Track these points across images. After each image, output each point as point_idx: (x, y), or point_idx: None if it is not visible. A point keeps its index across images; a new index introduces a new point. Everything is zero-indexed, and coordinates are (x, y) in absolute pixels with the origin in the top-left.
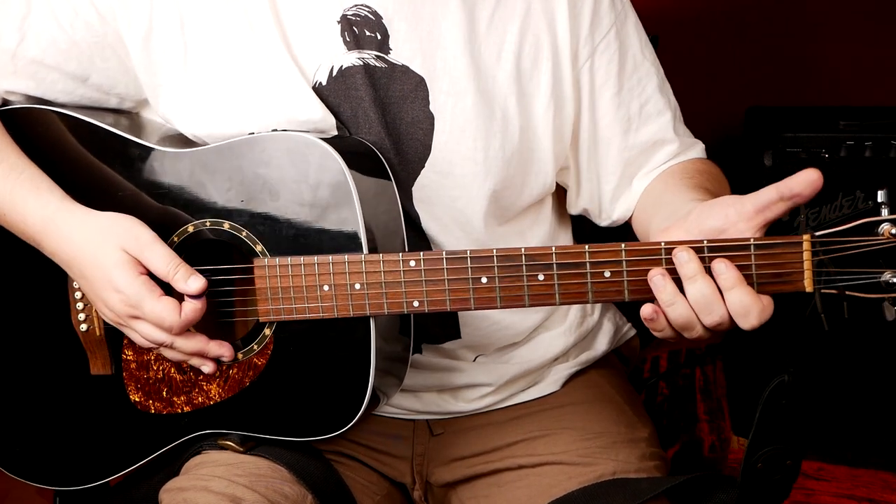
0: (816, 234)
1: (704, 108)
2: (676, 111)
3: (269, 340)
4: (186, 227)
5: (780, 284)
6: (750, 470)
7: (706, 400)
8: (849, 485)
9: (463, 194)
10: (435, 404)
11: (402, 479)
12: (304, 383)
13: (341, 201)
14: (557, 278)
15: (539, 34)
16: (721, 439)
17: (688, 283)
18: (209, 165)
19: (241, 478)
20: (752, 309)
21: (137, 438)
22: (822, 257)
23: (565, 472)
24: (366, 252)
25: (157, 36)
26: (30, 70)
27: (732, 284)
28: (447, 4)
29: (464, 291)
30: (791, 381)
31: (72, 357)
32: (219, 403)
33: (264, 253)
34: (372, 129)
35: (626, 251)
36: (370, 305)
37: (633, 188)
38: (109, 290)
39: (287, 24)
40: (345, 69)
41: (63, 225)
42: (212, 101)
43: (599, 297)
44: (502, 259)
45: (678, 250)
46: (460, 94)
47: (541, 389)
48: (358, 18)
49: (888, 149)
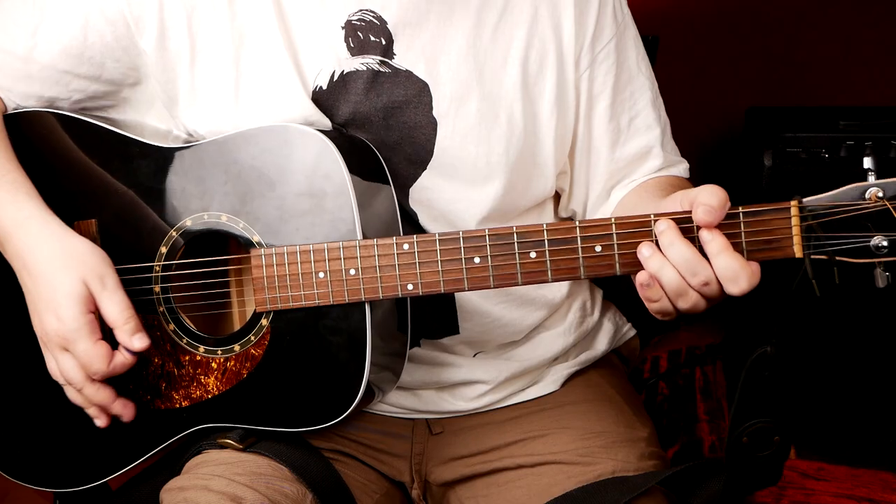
0: (804, 200)
1: (704, 108)
2: (666, 127)
3: (266, 331)
4: (185, 221)
5: (769, 251)
6: (735, 444)
7: (706, 400)
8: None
9: (463, 197)
10: (434, 403)
11: (401, 477)
12: (301, 374)
13: (335, 190)
14: (549, 255)
15: (545, 40)
16: (721, 439)
17: (667, 249)
18: (206, 159)
19: (242, 476)
20: (740, 273)
21: (136, 435)
22: (811, 223)
23: (564, 472)
24: (360, 238)
25: (169, 36)
26: (43, 75)
27: (719, 250)
28: (452, 10)
29: (457, 272)
30: (774, 353)
31: None
32: (217, 396)
33: (261, 244)
34: (371, 130)
35: (616, 224)
36: (365, 290)
37: (611, 198)
38: (51, 314)
39: (293, 27)
40: (347, 74)
41: (32, 232)
42: (215, 100)
43: (591, 271)
44: (494, 238)
45: (657, 222)
46: (464, 100)
47: (540, 389)
48: (362, 24)
49: (888, 149)
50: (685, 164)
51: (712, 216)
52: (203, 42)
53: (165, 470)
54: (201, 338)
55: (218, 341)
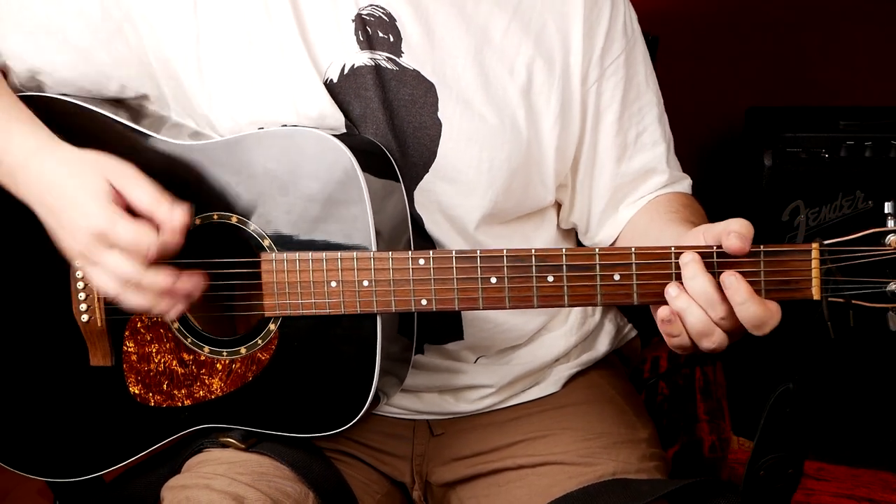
0: (825, 243)
1: (704, 108)
2: (670, 143)
3: (273, 336)
4: (193, 220)
5: (788, 292)
6: (753, 477)
7: (706, 400)
8: (849, 485)
9: (462, 202)
10: (436, 405)
11: (402, 478)
12: (307, 380)
13: (351, 198)
14: (567, 280)
15: (552, 52)
16: (721, 439)
17: (689, 281)
18: (218, 159)
19: (244, 476)
20: (766, 320)
21: (135, 431)
22: (830, 266)
23: (565, 472)
24: (374, 249)
25: (171, 21)
26: (34, 27)
27: (744, 299)
28: (462, 12)
29: (472, 291)
30: (795, 390)
31: (71, 348)
32: (220, 398)
33: (272, 248)
34: (379, 130)
35: (637, 254)
36: (378, 303)
37: (620, 215)
38: (78, 217)
39: (306, 17)
40: (356, 68)
41: (44, 159)
42: (224, 88)
43: (608, 299)
44: (512, 259)
45: (682, 255)
46: (469, 104)
47: (542, 389)
48: (372, 18)
49: (888, 149)
50: (688, 179)
51: (745, 243)
52: (209, 25)
53: (160, 465)
54: (206, 338)
55: (223, 343)
